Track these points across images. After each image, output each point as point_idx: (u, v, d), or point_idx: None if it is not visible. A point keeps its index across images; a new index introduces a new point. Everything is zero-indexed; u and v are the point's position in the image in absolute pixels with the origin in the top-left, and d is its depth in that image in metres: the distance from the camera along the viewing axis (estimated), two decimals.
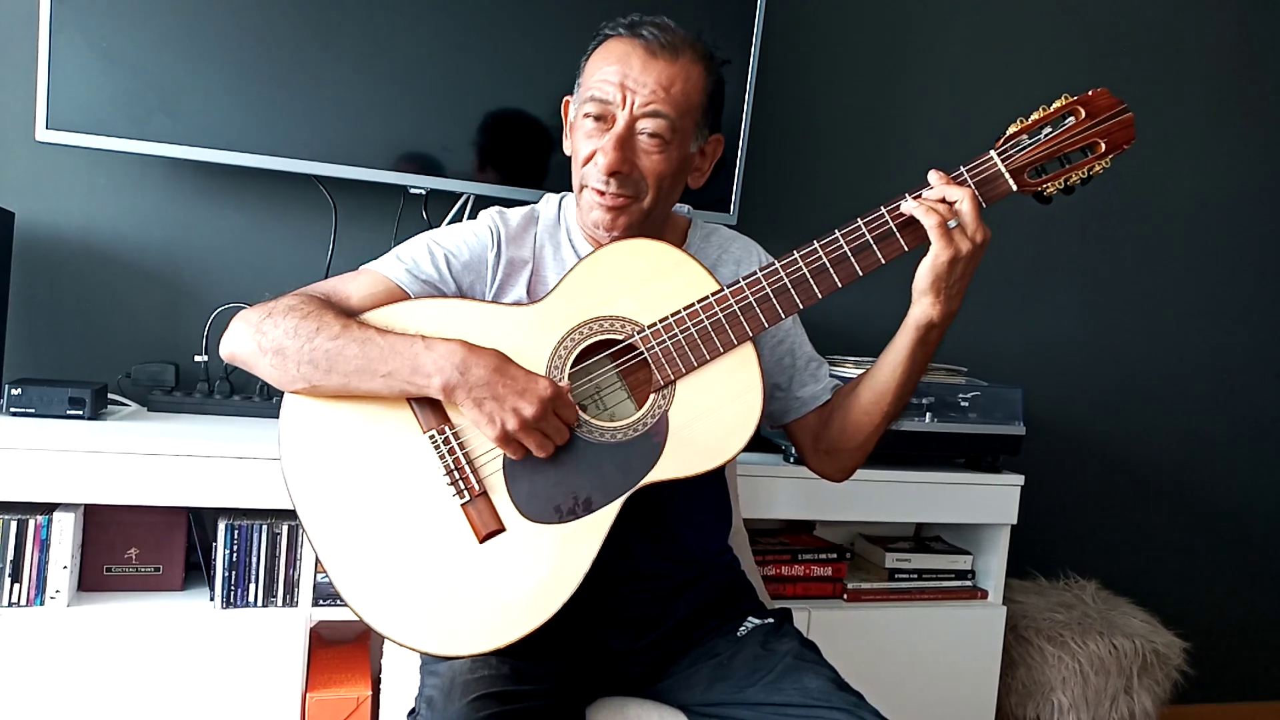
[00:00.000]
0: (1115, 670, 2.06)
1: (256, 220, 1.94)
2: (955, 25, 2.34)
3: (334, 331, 1.10)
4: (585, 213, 1.24)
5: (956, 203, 1.10)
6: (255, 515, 1.62)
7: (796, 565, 1.97)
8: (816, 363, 1.38)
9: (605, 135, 1.18)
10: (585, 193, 1.22)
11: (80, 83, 1.68)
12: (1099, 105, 1.16)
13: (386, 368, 1.09)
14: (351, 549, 1.10)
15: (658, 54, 1.18)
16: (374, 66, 1.80)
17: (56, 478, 1.49)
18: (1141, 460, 2.61)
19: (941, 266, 1.10)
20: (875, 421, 1.27)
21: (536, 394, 1.08)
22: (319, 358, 1.10)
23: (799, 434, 1.38)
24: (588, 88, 1.20)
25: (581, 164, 1.21)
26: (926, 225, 1.10)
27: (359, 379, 1.10)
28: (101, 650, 1.51)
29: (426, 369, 1.08)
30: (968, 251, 1.10)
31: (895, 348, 1.21)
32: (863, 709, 1.09)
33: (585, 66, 1.24)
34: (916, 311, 1.16)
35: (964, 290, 1.15)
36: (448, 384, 1.07)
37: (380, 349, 1.09)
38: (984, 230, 1.11)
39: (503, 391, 1.07)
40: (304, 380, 1.12)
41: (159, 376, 1.82)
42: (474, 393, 1.07)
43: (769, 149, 2.20)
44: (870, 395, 1.26)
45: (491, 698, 1.02)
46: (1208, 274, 2.62)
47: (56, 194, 1.84)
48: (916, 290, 1.14)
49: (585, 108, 1.19)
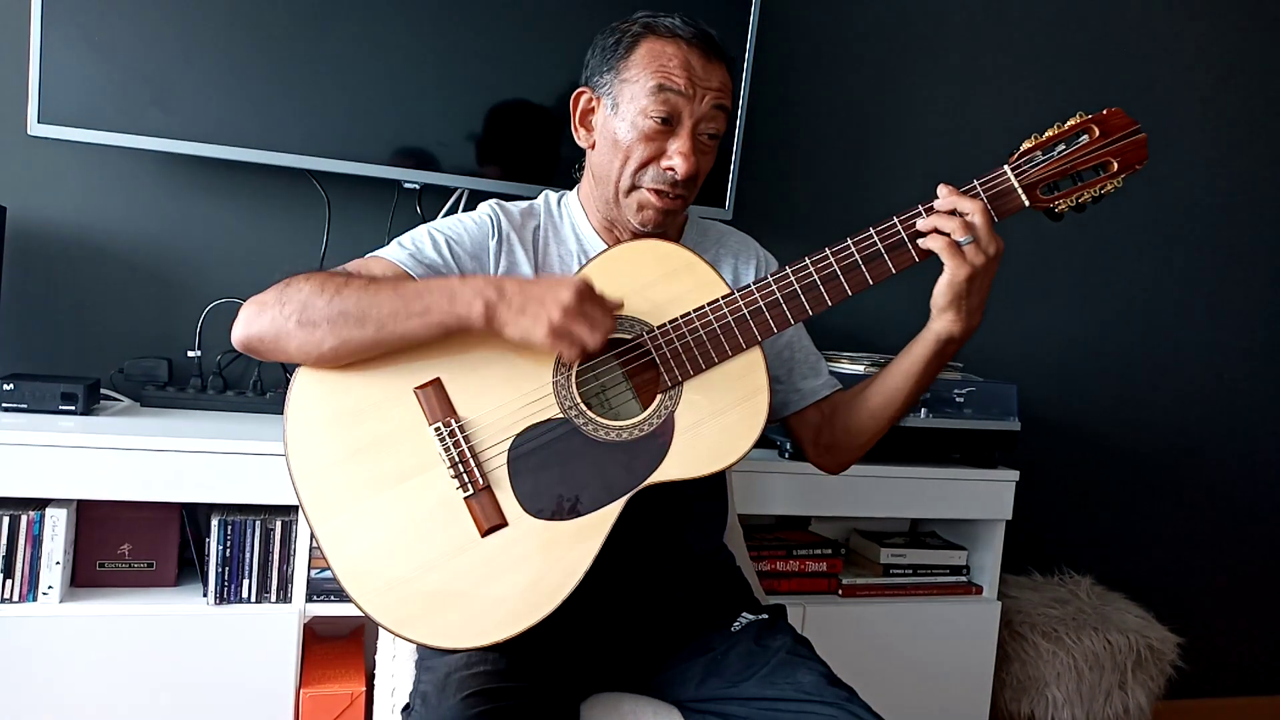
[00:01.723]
0: (1110, 665, 2.07)
1: (250, 215, 1.93)
2: (951, 23, 2.34)
3: (361, 283, 1.10)
4: (631, 211, 1.23)
5: (968, 215, 1.10)
6: (249, 511, 1.62)
7: (791, 561, 1.97)
8: (815, 357, 1.39)
9: (671, 138, 1.19)
10: (638, 193, 1.22)
11: (72, 76, 1.67)
12: (1113, 125, 1.16)
13: (423, 304, 1.08)
14: (352, 538, 1.10)
15: (711, 56, 1.21)
16: (368, 61, 1.79)
17: (49, 473, 1.48)
18: (1136, 456, 2.61)
19: (960, 284, 1.11)
20: (881, 424, 1.29)
21: (568, 283, 1.08)
22: (349, 308, 1.08)
23: (799, 428, 1.38)
24: (645, 89, 1.18)
25: (639, 165, 1.21)
26: (935, 249, 1.10)
27: (394, 322, 1.08)
28: (94, 646, 1.51)
29: (465, 296, 1.07)
30: (982, 265, 1.10)
31: (911, 357, 1.21)
32: (855, 704, 1.09)
33: (624, 65, 1.21)
34: (937, 326, 1.16)
35: (984, 304, 1.15)
36: (489, 303, 1.07)
37: (414, 289, 1.09)
38: (996, 242, 1.11)
39: (538, 292, 1.07)
40: (334, 338, 1.08)
41: (152, 372, 1.81)
42: (514, 303, 1.07)
43: (764, 145, 2.19)
44: (880, 400, 1.27)
45: (486, 694, 1.02)
46: (1204, 270, 2.62)
47: (49, 188, 1.83)
48: (936, 308, 1.14)
49: (650, 109, 1.18)
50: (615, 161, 1.22)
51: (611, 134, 1.22)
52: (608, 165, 1.23)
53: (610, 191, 1.24)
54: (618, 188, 1.23)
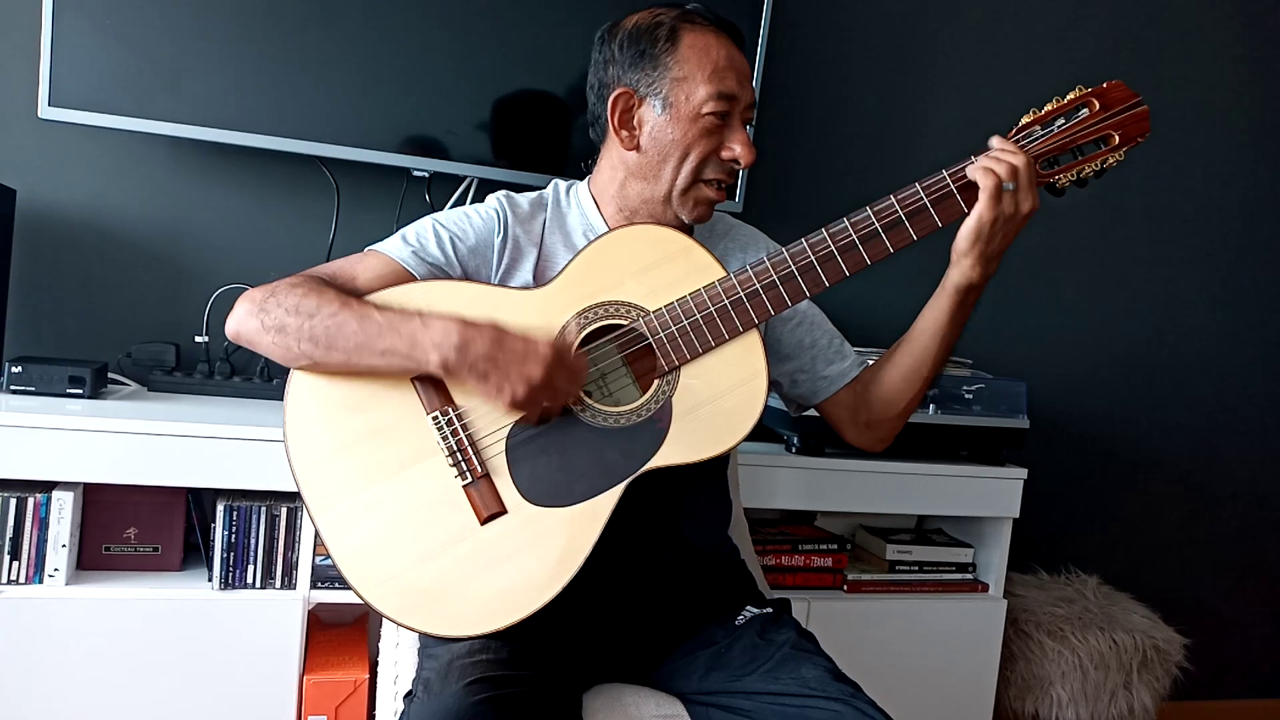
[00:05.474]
0: (1115, 665, 2.06)
1: (259, 201, 1.93)
2: (964, 12, 2.32)
3: (333, 309, 1.10)
4: (688, 208, 1.23)
5: (1017, 165, 1.10)
6: (254, 496, 1.62)
7: (797, 555, 1.96)
8: (839, 340, 1.38)
9: (726, 129, 1.20)
10: (697, 188, 1.22)
11: (83, 60, 1.67)
12: (1114, 97, 1.15)
13: (384, 344, 1.08)
14: (353, 527, 1.10)
15: (740, 47, 1.23)
16: (379, 48, 1.79)
17: (56, 456, 1.48)
18: (1144, 456, 2.60)
19: (985, 226, 1.11)
20: (916, 388, 1.29)
21: (539, 357, 1.07)
22: (319, 335, 1.09)
23: (834, 411, 1.38)
24: (701, 84, 1.18)
25: (700, 160, 1.20)
26: (982, 185, 1.10)
27: (359, 355, 1.09)
28: (99, 629, 1.51)
29: (424, 345, 1.07)
30: (1013, 215, 1.11)
31: (933, 312, 1.22)
32: (859, 699, 1.09)
33: (671, 61, 1.19)
34: (955, 274, 1.16)
35: (1001, 255, 1.15)
36: (446, 361, 1.06)
37: (378, 325, 1.09)
38: (1034, 198, 1.11)
39: (505, 360, 1.06)
40: (306, 357, 1.11)
41: (160, 356, 1.81)
42: (477, 366, 1.06)
43: (774, 137, 2.18)
44: (910, 362, 1.26)
45: (488, 681, 1.01)
46: (1215, 269, 2.61)
47: (59, 172, 1.83)
48: (958, 252, 1.14)
49: (710, 105, 1.18)
50: (671, 160, 1.21)
51: (664, 133, 1.20)
52: (658, 166, 1.22)
53: (663, 190, 1.23)
54: (674, 186, 1.22)
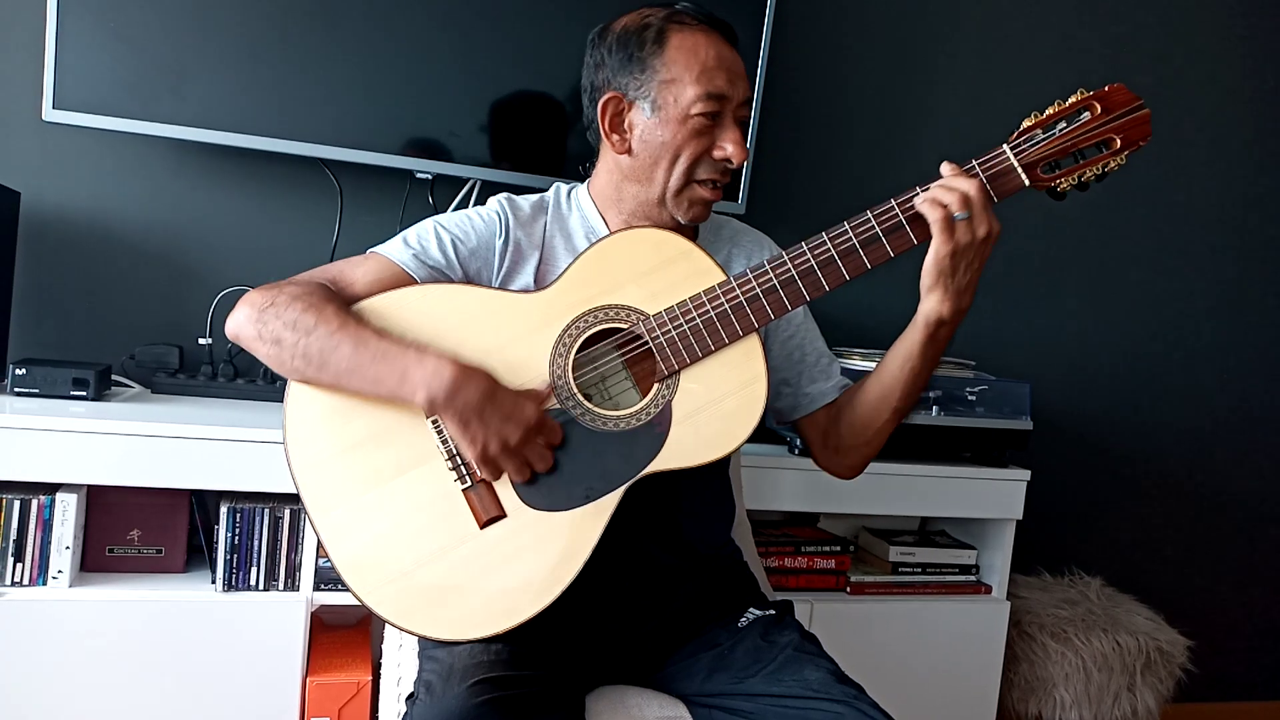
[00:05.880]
0: (1118, 667, 2.05)
1: (262, 203, 1.93)
2: (966, 15, 2.32)
3: (330, 329, 1.09)
4: (682, 210, 1.23)
5: (966, 191, 1.08)
6: (257, 499, 1.62)
7: (800, 557, 1.96)
8: (828, 359, 1.36)
9: (718, 129, 1.19)
10: (690, 190, 1.22)
11: (87, 63, 1.67)
12: (1115, 101, 1.14)
13: (374, 373, 1.08)
14: (352, 531, 1.10)
15: (733, 45, 1.22)
16: (382, 50, 1.79)
17: (60, 458, 1.49)
18: (1148, 458, 2.59)
19: (943, 260, 1.08)
20: (883, 418, 1.25)
21: (523, 420, 1.07)
22: (313, 354, 1.09)
23: (808, 431, 1.36)
24: (690, 85, 1.17)
25: (691, 162, 1.20)
26: (930, 219, 1.08)
27: (348, 379, 1.10)
28: (102, 631, 1.51)
29: (414, 381, 1.07)
30: (971, 244, 1.08)
31: (904, 344, 1.19)
32: (862, 701, 1.09)
33: (659, 63, 1.18)
34: (925, 307, 1.13)
35: (974, 286, 1.12)
36: (434, 400, 1.06)
37: (371, 353, 1.08)
38: (989, 223, 1.08)
39: (489, 414, 1.06)
40: (298, 373, 1.12)
41: (163, 358, 1.81)
42: (459, 414, 1.06)
43: (777, 138, 2.18)
44: (878, 390, 1.24)
45: (490, 683, 1.01)
46: (1217, 270, 2.60)
47: (62, 174, 1.83)
48: (924, 287, 1.12)
49: (699, 106, 1.17)
50: (663, 163, 1.21)
51: (654, 136, 1.20)
52: (650, 169, 1.21)
53: (656, 193, 1.22)
54: (666, 189, 1.22)
